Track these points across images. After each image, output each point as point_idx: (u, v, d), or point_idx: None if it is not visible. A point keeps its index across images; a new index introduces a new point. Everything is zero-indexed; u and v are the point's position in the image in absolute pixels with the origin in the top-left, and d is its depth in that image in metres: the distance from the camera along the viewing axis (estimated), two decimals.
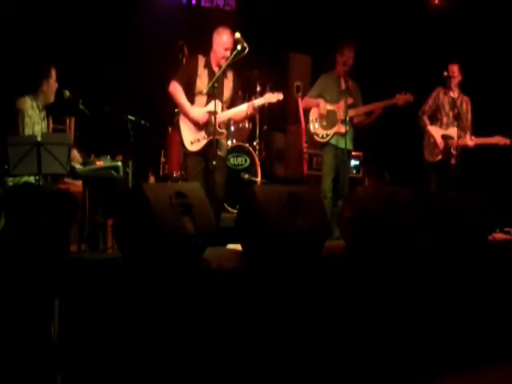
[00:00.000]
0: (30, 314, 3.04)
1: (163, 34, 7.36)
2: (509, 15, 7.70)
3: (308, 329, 3.60)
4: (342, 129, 6.20)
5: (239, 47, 5.37)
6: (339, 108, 6.25)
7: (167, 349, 3.16)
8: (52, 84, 5.09)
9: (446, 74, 6.61)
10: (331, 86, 6.37)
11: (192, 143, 5.47)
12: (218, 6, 8.54)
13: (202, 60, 5.55)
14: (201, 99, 5.50)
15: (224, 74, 5.53)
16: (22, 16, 6.66)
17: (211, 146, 5.38)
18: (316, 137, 6.37)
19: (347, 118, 6.07)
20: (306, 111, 6.48)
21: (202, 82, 5.49)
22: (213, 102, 5.34)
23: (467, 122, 6.74)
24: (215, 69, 5.54)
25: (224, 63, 5.47)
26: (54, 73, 5.10)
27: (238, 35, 5.40)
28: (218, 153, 5.43)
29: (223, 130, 5.54)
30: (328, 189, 6.19)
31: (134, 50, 7.22)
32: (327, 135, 6.29)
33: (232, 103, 5.67)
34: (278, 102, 5.81)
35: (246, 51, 5.37)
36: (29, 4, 6.72)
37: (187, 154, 5.52)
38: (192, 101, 5.50)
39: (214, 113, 5.30)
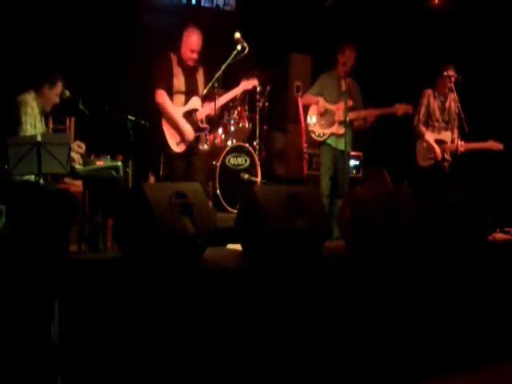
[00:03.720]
0: (30, 314, 3.04)
1: (163, 33, 7.35)
2: (504, 20, 7.69)
3: (308, 329, 3.60)
4: (340, 130, 6.22)
5: (239, 47, 5.39)
6: (338, 109, 6.24)
7: (167, 348, 3.16)
8: (54, 95, 5.05)
9: (446, 73, 6.53)
10: (331, 85, 6.36)
11: (177, 144, 5.56)
12: (217, 6, 8.54)
13: (174, 58, 5.59)
14: (179, 98, 5.59)
15: (196, 70, 5.58)
16: (23, 16, 6.65)
17: (196, 144, 5.63)
18: (313, 135, 6.38)
19: (347, 120, 6.07)
20: (306, 108, 6.48)
21: (179, 81, 5.57)
22: (192, 99, 5.57)
23: (455, 121, 6.69)
24: (187, 65, 5.59)
25: (191, 64, 5.53)
26: (59, 86, 5.07)
27: (238, 35, 5.41)
28: (200, 147, 5.56)
29: (206, 125, 5.68)
30: (325, 187, 6.18)
31: (134, 50, 7.22)
32: (324, 134, 6.30)
33: (205, 97, 5.75)
34: (254, 88, 6.24)
35: (246, 51, 5.38)
36: (30, 4, 6.72)
37: (171, 155, 5.59)
38: (170, 100, 5.56)
39: (215, 110, 5.43)
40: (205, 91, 5.51)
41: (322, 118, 6.31)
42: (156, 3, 7.85)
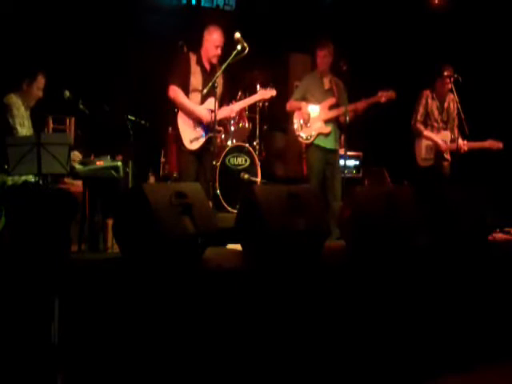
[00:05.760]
0: (30, 314, 3.04)
1: (163, 34, 7.36)
2: (503, 20, 7.69)
3: (308, 329, 3.60)
4: (326, 129, 6.24)
5: (239, 47, 5.39)
6: (322, 108, 6.27)
7: (167, 348, 3.16)
8: (35, 89, 5.09)
9: (445, 74, 6.49)
10: (314, 86, 6.38)
11: (191, 142, 5.56)
12: (217, 6, 8.54)
13: (193, 57, 5.63)
14: (195, 96, 5.58)
15: (215, 71, 5.60)
16: (21, 14, 6.65)
17: (209, 144, 5.56)
18: (300, 139, 6.39)
19: (347, 119, 6.09)
20: (291, 114, 6.48)
21: (196, 79, 5.58)
22: (209, 100, 5.51)
23: (454, 121, 6.67)
24: (206, 66, 5.62)
25: (215, 61, 5.56)
26: (41, 80, 5.10)
27: (238, 35, 5.41)
28: (211, 149, 5.57)
29: (221, 128, 5.75)
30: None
31: (134, 50, 7.22)
32: (311, 136, 6.31)
33: (222, 99, 5.77)
34: (272, 98, 6.17)
35: (246, 51, 5.38)
36: (30, 3, 6.73)
37: (184, 152, 5.59)
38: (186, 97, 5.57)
39: (215, 112, 5.38)
40: (205, 91, 5.52)
41: (307, 120, 6.32)
42: (156, 3, 7.85)
